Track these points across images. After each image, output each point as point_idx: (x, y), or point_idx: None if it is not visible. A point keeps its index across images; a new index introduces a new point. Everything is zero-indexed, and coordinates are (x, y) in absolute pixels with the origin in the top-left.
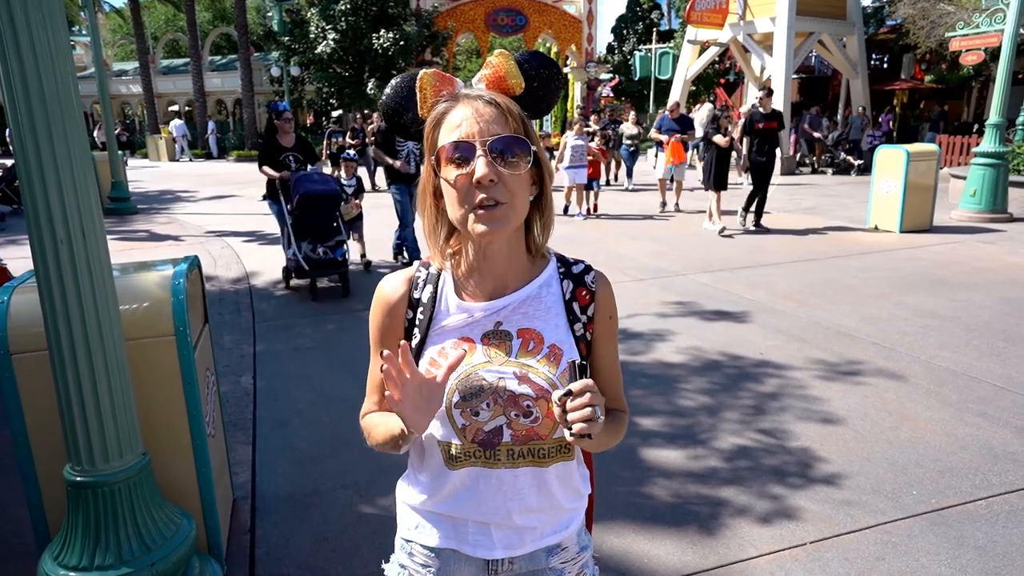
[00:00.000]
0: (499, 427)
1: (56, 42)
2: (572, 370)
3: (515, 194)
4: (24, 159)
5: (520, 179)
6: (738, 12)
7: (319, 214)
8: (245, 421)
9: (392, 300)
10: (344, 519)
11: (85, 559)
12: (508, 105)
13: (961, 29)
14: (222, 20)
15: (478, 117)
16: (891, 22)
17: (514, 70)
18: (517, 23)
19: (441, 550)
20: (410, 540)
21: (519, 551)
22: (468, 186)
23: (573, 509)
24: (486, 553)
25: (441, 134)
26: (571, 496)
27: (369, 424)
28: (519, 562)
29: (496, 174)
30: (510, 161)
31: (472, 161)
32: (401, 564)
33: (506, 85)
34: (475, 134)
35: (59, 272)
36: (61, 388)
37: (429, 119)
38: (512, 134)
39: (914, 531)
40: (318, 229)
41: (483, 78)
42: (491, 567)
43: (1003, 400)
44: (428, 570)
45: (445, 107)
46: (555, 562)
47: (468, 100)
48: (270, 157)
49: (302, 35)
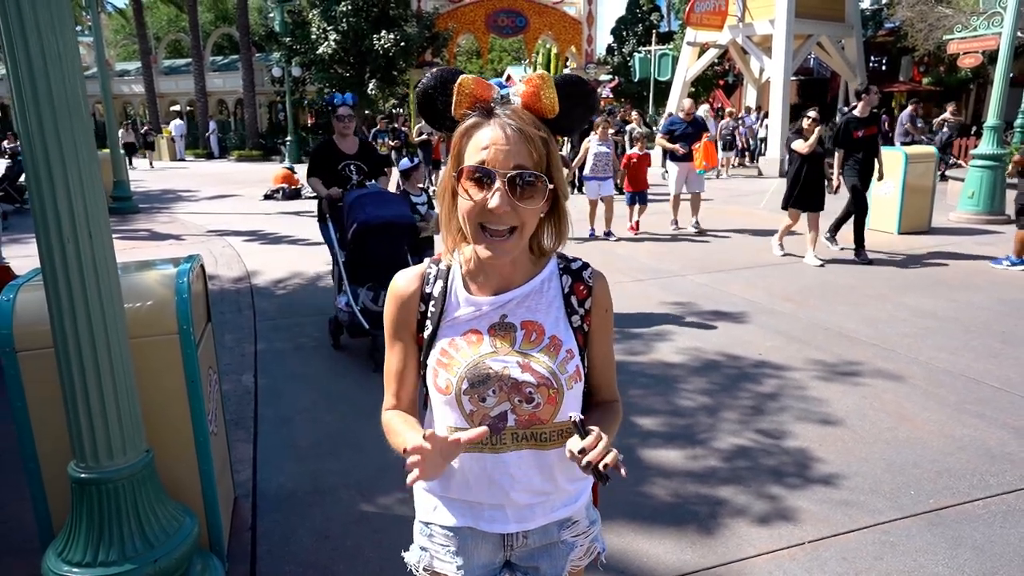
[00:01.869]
0: (504, 412)
1: (64, 43)
2: (576, 428)
3: (525, 223)
4: (32, 159)
5: (532, 211)
6: (737, 14)
7: (384, 249)
8: (247, 419)
9: (406, 295)
10: (346, 517)
11: (89, 555)
12: (534, 136)
13: (959, 32)
14: (224, 21)
15: (504, 144)
16: (889, 25)
17: (552, 93)
18: (517, 24)
19: (459, 528)
20: (429, 523)
21: (531, 524)
22: (482, 208)
23: (576, 489)
24: (501, 528)
25: (468, 148)
26: (572, 478)
27: (389, 427)
28: (533, 536)
29: (511, 205)
30: (526, 194)
31: (491, 187)
32: (422, 547)
33: (540, 106)
34: (498, 163)
35: (66, 271)
36: (66, 385)
37: (460, 127)
38: (533, 169)
39: (912, 531)
40: (382, 271)
41: (521, 94)
42: (507, 542)
43: (1001, 401)
44: (448, 550)
45: (476, 121)
46: (567, 535)
47: (499, 122)
48: (324, 166)
49: (303, 36)
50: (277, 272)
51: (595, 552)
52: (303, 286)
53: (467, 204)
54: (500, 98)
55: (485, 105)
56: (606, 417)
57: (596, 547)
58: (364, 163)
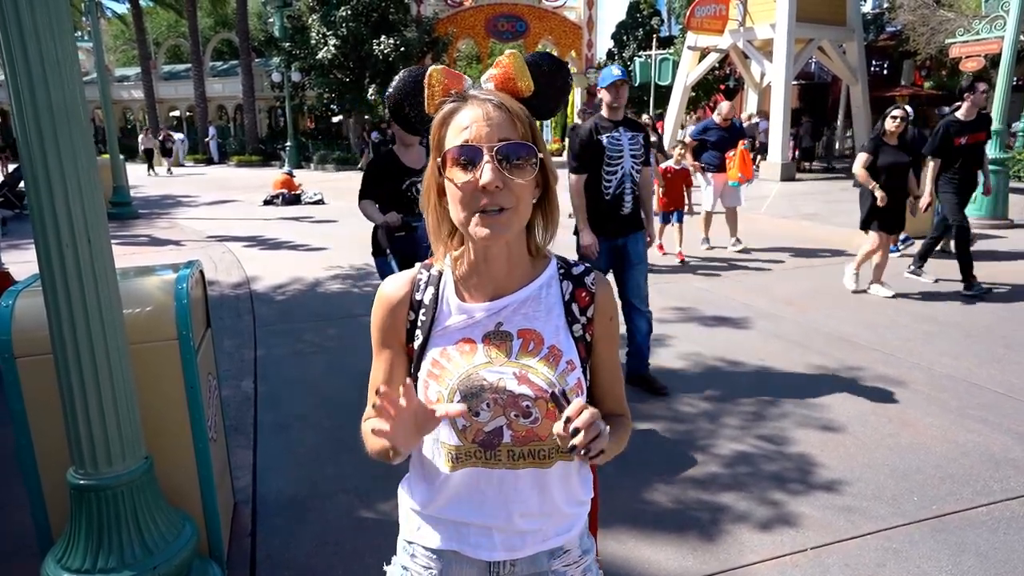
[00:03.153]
0: (499, 428)
1: (63, 49)
2: (556, 400)
3: (520, 199)
4: (31, 165)
5: (525, 185)
6: (738, 19)
7: None
8: (246, 425)
9: (394, 301)
10: (345, 523)
11: (88, 562)
12: (516, 109)
13: (961, 36)
14: (224, 26)
15: (487, 120)
16: (891, 28)
17: (524, 71)
18: (517, 29)
19: (443, 552)
20: (412, 542)
21: (520, 553)
22: (473, 190)
23: (574, 514)
24: (487, 555)
25: (448, 134)
26: (571, 501)
27: (366, 432)
28: (520, 564)
29: (502, 180)
30: (516, 167)
31: (479, 166)
32: (404, 566)
33: (515, 86)
34: (483, 138)
35: (64, 277)
36: (65, 391)
37: (437, 117)
38: (520, 140)
39: (915, 537)
40: None
41: (492, 77)
42: (492, 569)
43: (1004, 406)
44: (430, 572)
45: (453, 107)
46: (557, 565)
47: (477, 102)
48: (382, 184)
49: (303, 41)
50: (277, 278)
51: None
52: (303, 292)
53: (456, 192)
54: (473, 83)
55: (459, 92)
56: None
57: None
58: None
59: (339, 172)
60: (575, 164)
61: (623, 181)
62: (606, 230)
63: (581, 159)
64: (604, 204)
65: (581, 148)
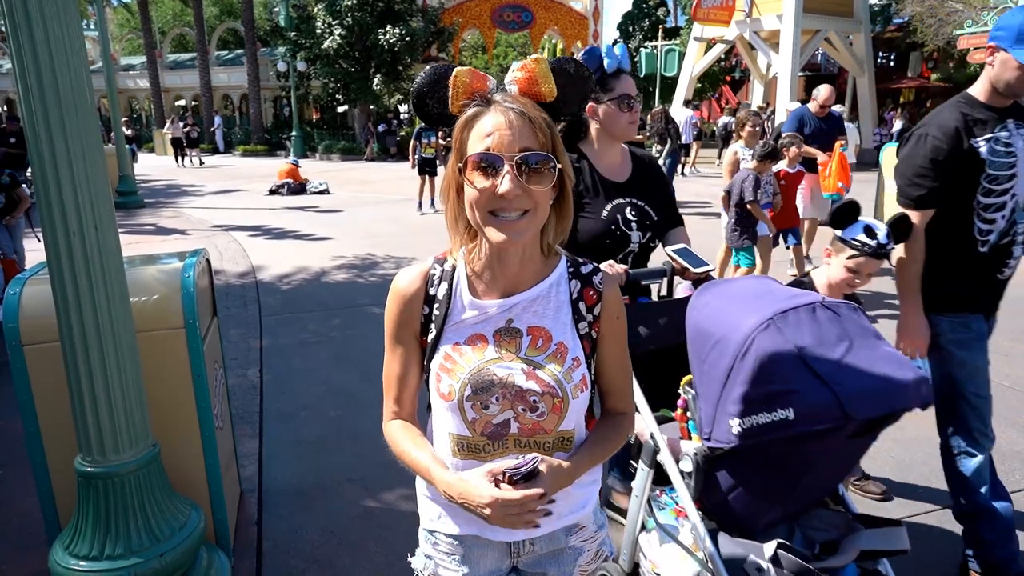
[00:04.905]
0: (507, 420)
1: (70, 37)
2: (531, 476)
3: (538, 204)
4: (38, 153)
5: (544, 191)
6: (744, 9)
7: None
8: (252, 414)
9: (408, 295)
10: (350, 512)
11: (95, 549)
12: (538, 117)
13: (969, 27)
14: (229, 15)
15: (508, 128)
16: (898, 20)
17: (548, 76)
18: (523, 19)
19: (464, 537)
20: (433, 530)
21: (538, 531)
22: (491, 195)
23: (586, 493)
24: (507, 536)
25: (471, 138)
26: (579, 483)
27: (396, 441)
28: (540, 542)
29: (521, 188)
30: (535, 175)
31: (499, 173)
32: (427, 555)
33: (539, 91)
34: (504, 147)
35: (71, 265)
36: (72, 379)
37: (460, 119)
38: (540, 150)
39: (920, 530)
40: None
41: (516, 81)
42: (513, 549)
43: (1011, 400)
44: (453, 558)
45: (476, 111)
46: (574, 540)
47: (500, 108)
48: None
49: (308, 31)
50: (282, 267)
51: (604, 556)
52: (308, 281)
53: (475, 194)
54: (497, 87)
55: (483, 95)
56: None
57: (604, 551)
58: (647, 201)
59: (344, 162)
60: (920, 193)
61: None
62: (976, 302)
63: (935, 180)
64: (977, 258)
65: (934, 163)
